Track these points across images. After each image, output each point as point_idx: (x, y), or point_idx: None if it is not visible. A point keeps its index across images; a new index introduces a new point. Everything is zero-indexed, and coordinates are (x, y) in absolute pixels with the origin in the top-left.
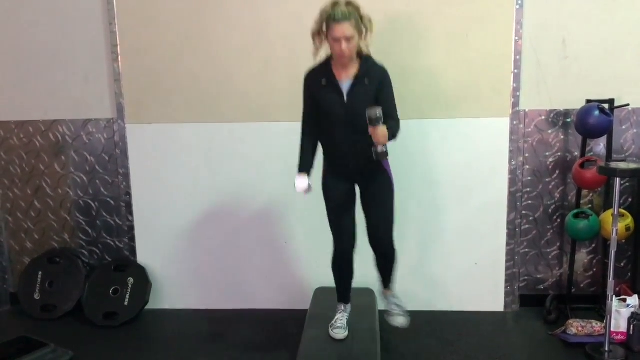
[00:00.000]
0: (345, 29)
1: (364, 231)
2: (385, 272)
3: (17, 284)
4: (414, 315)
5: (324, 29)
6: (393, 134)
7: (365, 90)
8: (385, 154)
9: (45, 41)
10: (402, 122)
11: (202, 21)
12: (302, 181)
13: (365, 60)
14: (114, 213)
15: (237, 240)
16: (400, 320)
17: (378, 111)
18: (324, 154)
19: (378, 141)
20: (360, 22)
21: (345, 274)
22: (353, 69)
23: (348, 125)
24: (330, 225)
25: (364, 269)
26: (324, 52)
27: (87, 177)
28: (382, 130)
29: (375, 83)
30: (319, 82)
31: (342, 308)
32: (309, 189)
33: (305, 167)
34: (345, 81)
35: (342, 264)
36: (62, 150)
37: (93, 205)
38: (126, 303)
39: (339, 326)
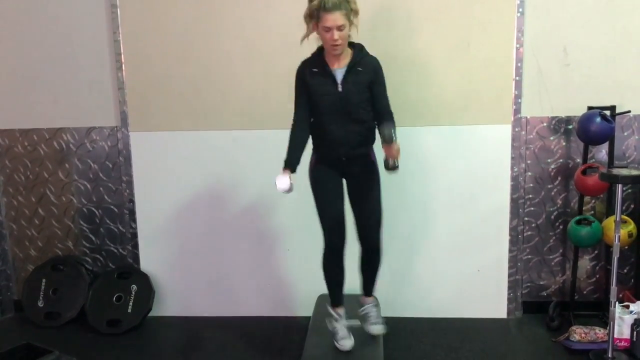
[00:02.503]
0: (336, 17)
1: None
2: (370, 273)
3: (21, 291)
4: (417, 321)
5: (316, 18)
6: (396, 135)
7: (359, 79)
8: (398, 167)
9: (49, 50)
10: (404, 130)
11: (204, 30)
12: (284, 180)
13: (359, 50)
14: (117, 220)
15: (240, 247)
16: (377, 329)
17: (393, 130)
18: (314, 143)
19: (393, 156)
20: (349, 8)
21: (337, 272)
22: (346, 58)
23: (341, 113)
24: (320, 219)
25: None
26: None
27: (90, 185)
28: (397, 148)
29: (369, 73)
30: (312, 71)
31: (337, 315)
32: (291, 188)
33: (292, 163)
34: (339, 70)
35: (334, 260)
36: (66, 158)
37: (96, 212)
38: (129, 310)
39: (343, 336)
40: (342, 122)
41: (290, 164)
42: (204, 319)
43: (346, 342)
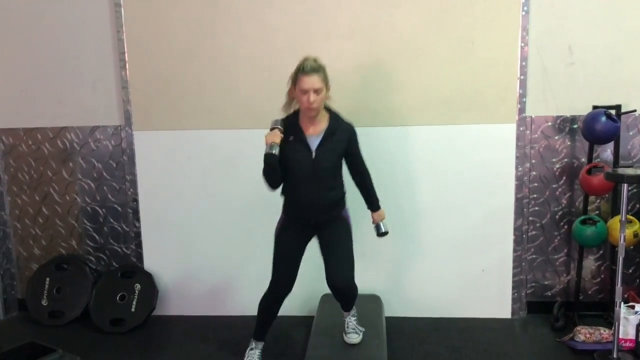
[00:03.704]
0: (314, 80)
1: (370, 233)
2: (346, 303)
3: (25, 290)
4: (421, 321)
5: (293, 81)
6: (375, 196)
7: (334, 147)
8: (388, 232)
9: (53, 49)
10: (408, 129)
11: (208, 29)
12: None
13: (335, 117)
14: (121, 219)
15: (244, 246)
16: (354, 339)
17: (385, 228)
18: (285, 203)
19: (381, 221)
20: (326, 80)
21: (270, 314)
22: (321, 124)
23: (314, 179)
24: (273, 268)
25: (371, 275)
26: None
27: (94, 184)
28: (382, 213)
29: (344, 139)
30: (287, 137)
31: (254, 345)
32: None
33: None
34: (313, 136)
35: (272, 306)
36: (70, 157)
37: (100, 211)
38: (133, 309)
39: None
40: (313, 188)
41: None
42: (208, 318)
43: None
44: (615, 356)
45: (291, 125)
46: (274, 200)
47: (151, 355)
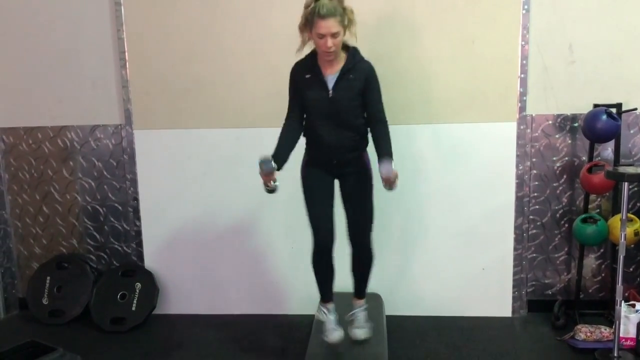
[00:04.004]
0: (330, 25)
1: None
2: (361, 275)
3: (26, 289)
4: (422, 320)
5: (309, 24)
6: (391, 150)
7: (351, 85)
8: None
9: (53, 47)
10: (408, 128)
11: (209, 27)
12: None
13: (353, 55)
14: (121, 218)
15: (245, 245)
16: (361, 334)
17: (391, 157)
18: (307, 145)
19: (390, 183)
20: (344, 15)
21: (325, 270)
22: (339, 63)
23: (332, 119)
24: (309, 218)
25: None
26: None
27: (95, 183)
28: (395, 175)
29: (361, 78)
30: (304, 76)
31: (326, 310)
32: (273, 188)
33: (277, 161)
34: (331, 75)
35: (322, 259)
36: (70, 156)
37: (101, 210)
38: (134, 308)
39: (331, 329)
40: (333, 128)
41: (276, 162)
42: (209, 317)
43: (334, 335)
44: (615, 355)
45: (309, 66)
46: (275, 198)
47: (152, 354)
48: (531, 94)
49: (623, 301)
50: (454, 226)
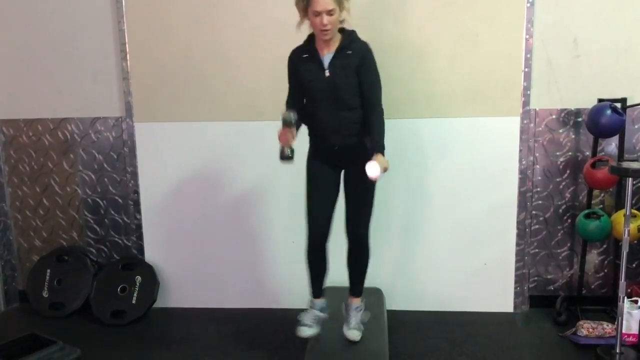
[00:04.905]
0: (326, 2)
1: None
2: (357, 271)
3: (26, 281)
4: (423, 315)
5: (305, 2)
6: (383, 140)
7: (347, 63)
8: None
9: (54, 40)
10: (412, 121)
11: (210, 19)
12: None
13: (348, 35)
14: (122, 211)
15: (246, 238)
16: (353, 336)
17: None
18: (309, 132)
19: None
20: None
21: (317, 264)
22: (335, 44)
23: (330, 98)
24: (307, 209)
25: (373, 268)
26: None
27: (95, 175)
28: (384, 164)
29: (356, 57)
30: (301, 56)
31: (312, 304)
32: (291, 148)
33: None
34: (328, 55)
35: (315, 253)
36: (71, 148)
37: (101, 203)
38: (134, 301)
39: (305, 323)
40: (332, 109)
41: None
42: (209, 311)
43: (304, 331)
44: (618, 351)
45: (306, 48)
46: (276, 192)
47: (152, 347)
48: (535, 88)
49: (626, 297)
50: (456, 221)
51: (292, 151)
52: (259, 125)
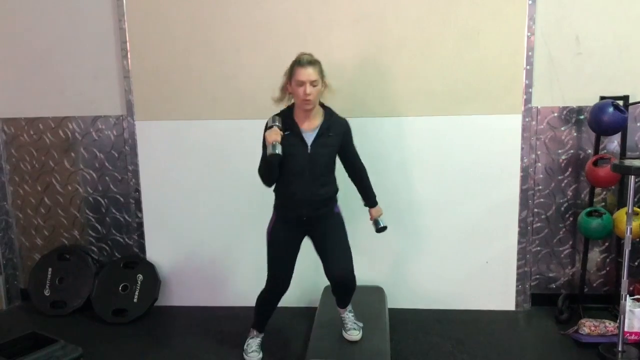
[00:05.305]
0: (310, 72)
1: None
2: (345, 297)
3: (28, 280)
4: (424, 313)
5: (289, 75)
6: (373, 192)
7: (329, 142)
8: (386, 227)
9: (55, 38)
10: (413, 119)
11: (210, 18)
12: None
13: (330, 113)
14: (123, 210)
15: (246, 237)
16: (354, 335)
17: (384, 223)
18: (277, 202)
19: (378, 216)
20: (322, 71)
21: (269, 309)
22: (316, 119)
23: (309, 175)
24: (268, 268)
25: (374, 267)
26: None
27: (96, 174)
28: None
29: (339, 134)
30: (283, 132)
31: (255, 334)
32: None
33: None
34: (309, 131)
35: (271, 301)
36: (72, 147)
37: (102, 202)
38: (135, 300)
39: (251, 350)
40: (308, 183)
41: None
42: (210, 309)
43: (252, 356)
44: (620, 349)
45: (286, 120)
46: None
47: (153, 345)
48: (537, 85)
49: (628, 295)
50: (457, 219)
51: (281, 147)
52: (258, 123)
